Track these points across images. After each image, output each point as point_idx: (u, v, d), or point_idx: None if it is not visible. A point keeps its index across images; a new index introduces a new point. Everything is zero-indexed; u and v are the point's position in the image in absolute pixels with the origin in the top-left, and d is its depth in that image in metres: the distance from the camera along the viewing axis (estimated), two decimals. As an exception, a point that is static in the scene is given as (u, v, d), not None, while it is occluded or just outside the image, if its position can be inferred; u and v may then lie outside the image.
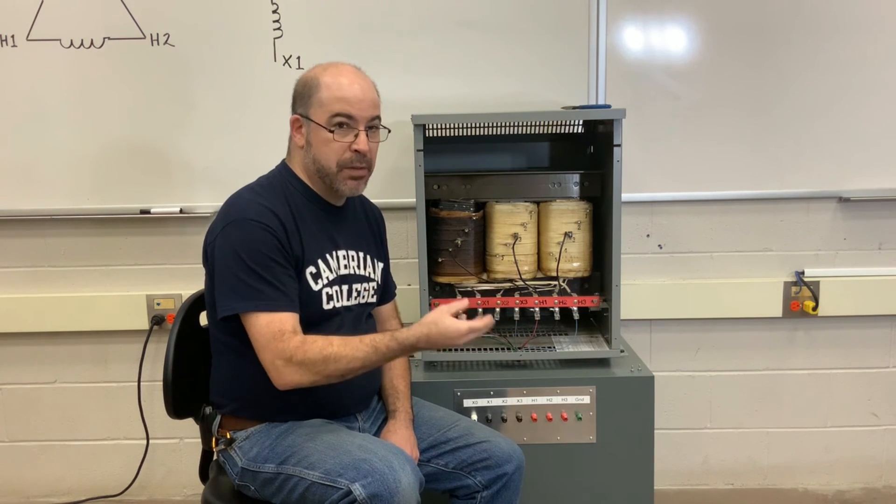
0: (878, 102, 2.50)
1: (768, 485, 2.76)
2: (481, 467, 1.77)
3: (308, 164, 1.76)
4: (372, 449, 1.60)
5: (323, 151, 1.73)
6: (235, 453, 1.74)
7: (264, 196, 1.71)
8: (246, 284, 1.62)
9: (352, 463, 1.56)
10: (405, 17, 2.45)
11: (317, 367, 1.58)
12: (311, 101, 1.72)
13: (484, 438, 1.80)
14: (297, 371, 1.58)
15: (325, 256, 1.76)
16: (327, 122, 1.71)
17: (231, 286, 1.63)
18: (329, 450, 1.62)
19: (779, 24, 2.47)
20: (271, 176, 1.80)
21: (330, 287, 1.75)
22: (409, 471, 1.57)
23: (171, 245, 2.60)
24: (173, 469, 2.74)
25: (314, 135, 1.73)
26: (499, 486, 1.78)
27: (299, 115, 1.75)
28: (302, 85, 1.76)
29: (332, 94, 1.71)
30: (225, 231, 1.66)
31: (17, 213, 2.55)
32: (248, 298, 1.62)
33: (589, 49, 2.47)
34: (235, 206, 1.70)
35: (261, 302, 1.61)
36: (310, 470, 1.61)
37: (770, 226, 2.60)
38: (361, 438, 1.67)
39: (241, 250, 1.63)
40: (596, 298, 2.17)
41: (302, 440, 1.67)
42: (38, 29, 2.45)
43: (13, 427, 2.73)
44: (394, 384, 1.89)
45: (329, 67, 1.76)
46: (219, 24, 2.45)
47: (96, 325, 2.63)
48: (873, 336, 2.67)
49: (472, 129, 2.35)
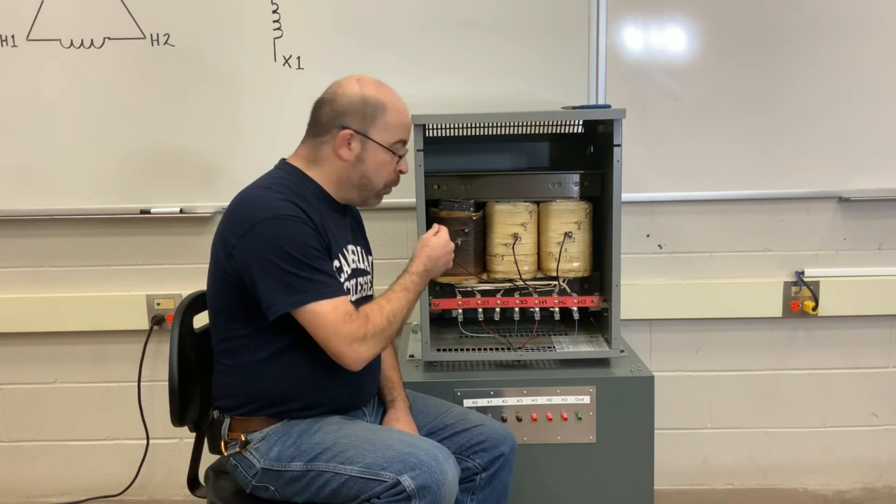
0: (878, 102, 2.50)
1: (768, 485, 2.76)
2: (479, 450, 1.82)
3: (350, 177, 1.77)
4: (415, 443, 1.65)
5: (378, 172, 1.78)
6: (252, 455, 1.71)
7: (285, 194, 1.69)
8: (299, 278, 1.61)
9: (396, 456, 1.60)
10: (405, 17, 2.46)
11: (386, 333, 1.66)
12: (376, 123, 1.74)
13: (478, 422, 1.86)
14: (372, 344, 1.64)
15: (343, 251, 1.78)
16: (392, 146, 1.77)
17: (283, 283, 1.60)
18: (367, 444, 1.64)
19: (779, 24, 2.47)
20: (280, 175, 1.76)
21: (348, 280, 1.78)
22: (452, 464, 1.63)
23: (171, 245, 2.60)
24: (173, 469, 2.75)
25: (372, 154, 1.75)
26: (496, 467, 1.83)
27: (355, 131, 1.74)
28: (361, 102, 1.74)
29: (400, 119, 1.78)
30: (256, 231, 1.62)
31: (17, 213, 2.55)
32: (306, 290, 1.61)
33: (589, 49, 2.47)
34: (259, 205, 1.66)
35: (321, 291, 1.62)
36: (347, 465, 1.62)
37: (770, 226, 2.60)
38: (398, 433, 1.72)
39: (286, 246, 1.60)
40: (596, 298, 2.17)
41: (333, 437, 1.68)
42: (38, 29, 2.45)
43: (13, 427, 2.73)
44: (388, 375, 1.93)
45: (385, 89, 1.78)
46: (219, 24, 2.45)
47: (96, 325, 2.63)
48: (873, 336, 2.67)
49: (473, 129, 2.34)
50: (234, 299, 1.68)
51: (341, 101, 1.74)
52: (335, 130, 1.74)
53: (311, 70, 2.47)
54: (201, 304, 1.90)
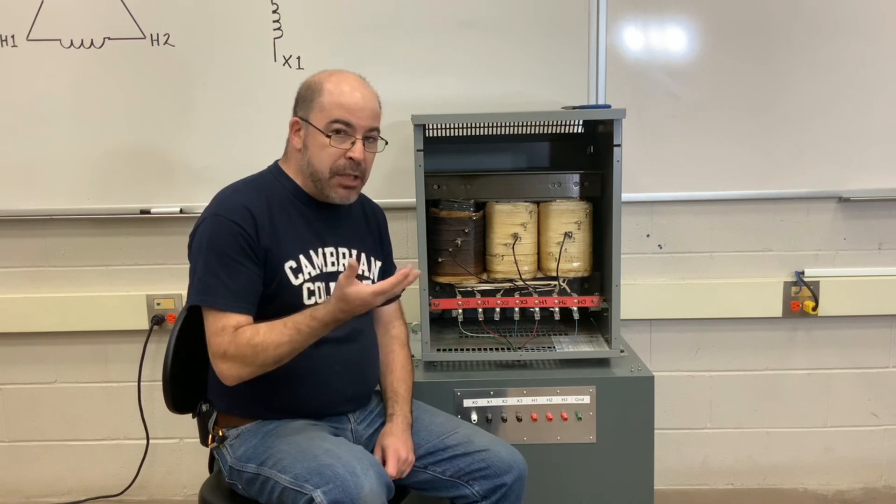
0: (878, 102, 2.50)
1: (768, 485, 2.76)
2: (479, 477, 1.74)
3: (303, 167, 1.78)
4: (337, 454, 1.58)
5: (318, 156, 1.74)
6: (227, 451, 1.76)
7: (243, 192, 1.75)
8: (202, 280, 1.68)
9: (316, 468, 1.55)
10: (405, 17, 2.46)
11: (248, 359, 1.62)
12: (313, 106, 1.74)
13: (484, 447, 1.77)
14: (232, 365, 1.63)
15: (307, 252, 1.77)
16: (325, 128, 1.73)
17: (196, 277, 1.70)
18: (300, 454, 1.62)
19: (779, 23, 2.47)
20: (258, 175, 1.84)
21: (312, 283, 1.76)
22: (372, 476, 1.55)
23: (171, 245, 2.60)
24: (173, 469, 2.75)
25: (311, 138, 1.75)
26: (497, 497, 1.75)
27: (299, 117, 1.77)
28: (305, 88, 1.78)
29: (334, 99, 1.73)
30: (200, 226, 1.72)
31: (17, 213, 2.55)
32: (201, 293, 1.68)
33: (589, 49, 2.47)
34: (213, 202, 1.76)
35: (211, 298, 1.66)
36: (282, 473, 1.61)
37: (770, 226, 2.60)
38: (331, 443, 1.65)
39: (205, 245, 1.68)
40: (596, 298, 2.17)
41: (279, 442, 1.68)
42: (38, 29, 2.45)
43: (13, 427, 2.73)
44: (394, 387, 1.87)
45: (334, 74, 1.78)
46: (219, 24, 2.45)
47: (96, 325, 2.63)
48: (873, 336, 2.67)
49: (472, 129, 2.34)
50: None
51: (298, 91, 1.80)
52: (291, 120, 1.79)
53: (311, 70, 2.40)
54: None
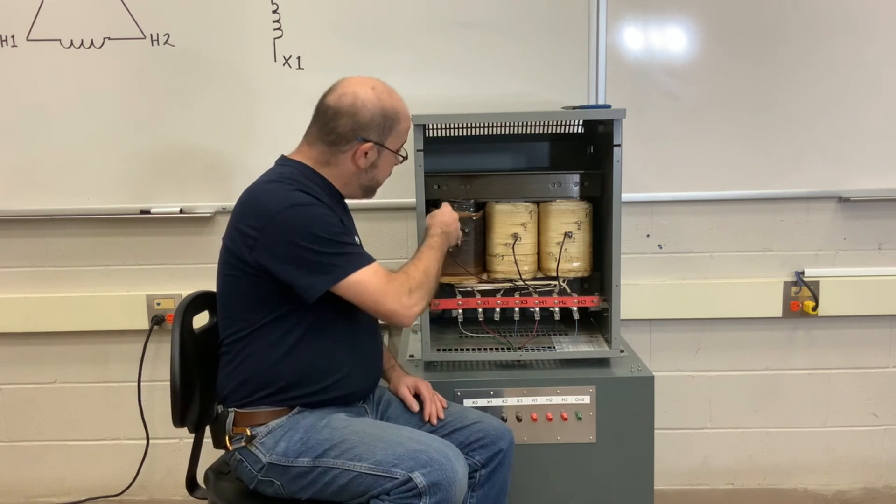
0: (878, 102, 2.50)
1: (768, 485, 2.76)
2: (478, 447, 1.84)
3: (359, 179, 1.84)
4: (425, 441, 1.68)
5: (386, 173, 1.88)
6: (257, 450, 1.73)
7: (295, 185, 1.74)
8: (332, 255, 1.67)
9: (407, 453, 1.63)
10: (405, 17, 2.46)
11: (425, 286, 1.75)
12: (392, 132, 1.81)
13: (476, 419, 1.88)
14: (418, 297, 1.72)
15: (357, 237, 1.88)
16: (399, 150, 1.85)
17: (317, 263, 1.66)
18: (377, 441, 1.67)
19: (778, 24, 2.47)
20: (287, 170, 1.80)
21: None
22: (462, 462, 1.67)
23: (171, 245, 2.60)
24: (173, 469, 2.74)
25: (384, 160, 1.84)
26: (495, 464, 1.85)
27: (374, 142, 1.79)
28: (381, 116, 1.78)
29: (408, 126, 1.86)
30: (278, 221, 1.66)
31: (17, 213, 2.55)
32: (341, 265, 1.67)
33: (589, 49, 2.47)
34: (273, 197, 1.70)
35: (356, 261, 1.69)
36: (356, 461, 1.65)
37: (770, 226, 2.60)
38: (409, 431, 1.74)
39: (311, 229, 1.66)
40: (596, 298, 2.17)
41: (341, 433, 1.70)
42: (38, 29, 2.45)
43: (13, 427, 2.73)
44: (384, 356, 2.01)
45: (394, 95, 1.83)
46: (219, 24, 2.45)
47: (96, 325, 2.63)
48: (873, 336, 2.67)
49: (473, 129, 2.34)
50: (254, 289, 1.73)
51: (363, 114, 1.77)
52: (356, 143, 1.78)
53: (311, 70, 2.47)
54: (201, 305, 1.91)
